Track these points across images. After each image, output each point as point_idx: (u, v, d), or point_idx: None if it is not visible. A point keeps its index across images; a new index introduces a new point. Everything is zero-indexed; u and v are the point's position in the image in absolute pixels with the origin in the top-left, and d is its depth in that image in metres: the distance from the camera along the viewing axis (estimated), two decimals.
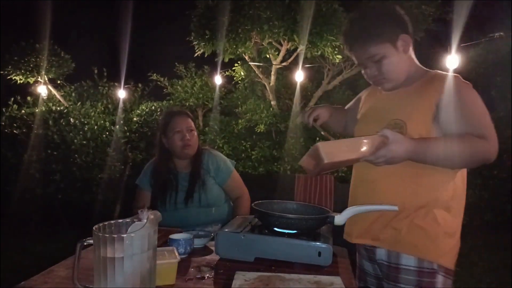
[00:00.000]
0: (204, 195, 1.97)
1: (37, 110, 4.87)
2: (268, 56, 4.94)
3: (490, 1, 6.28)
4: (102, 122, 5.06)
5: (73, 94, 5.90)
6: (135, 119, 5.44)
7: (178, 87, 5.86)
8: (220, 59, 4.80)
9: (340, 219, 1.23)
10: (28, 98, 5.11)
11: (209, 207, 1.98)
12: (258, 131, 5.05)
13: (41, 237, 4.21)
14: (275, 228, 1.28)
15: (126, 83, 5.94)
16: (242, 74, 5.75)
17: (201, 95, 5.74)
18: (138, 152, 5.02)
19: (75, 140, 4.55)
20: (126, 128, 5.27)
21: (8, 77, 5.27)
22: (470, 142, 1.11)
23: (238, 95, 5.84)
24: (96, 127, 4.86)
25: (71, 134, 4.59)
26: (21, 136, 4.64)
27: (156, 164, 2.06)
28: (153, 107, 5.50)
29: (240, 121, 5.28)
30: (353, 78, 5.08)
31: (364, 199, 1.29)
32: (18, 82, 5.38)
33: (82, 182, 4.55)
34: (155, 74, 5.95)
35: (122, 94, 5.83)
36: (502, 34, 4.61)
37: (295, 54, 4.83)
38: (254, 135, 5.18)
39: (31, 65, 5.22)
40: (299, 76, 4.94)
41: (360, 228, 1.31)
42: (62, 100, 5.69)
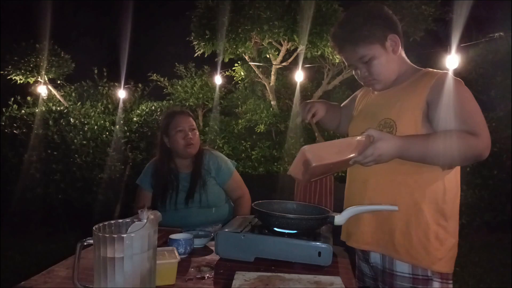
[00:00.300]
0: (205, 195, 1.97)
1: (37, 110, 4.88)
2: (268, 56, 4.94)
3: (490, 1, 6.29)
4: (102, 122, 5.07)
5: (73, 94, 5.91)
6: (135, 119, 5.44)
7: (178, 87, 5.85)
8: (220, 59, 4.79)
9: (340, 219, 1.23)
10: (28, 98, 5.12)
11: (209, 207, 1.98)
12: (258, 131, 5.04)
13: (41, 237, 4.21)
14: (275, 228, 1.28)
15: (126, 83, 5.94)
16: (242, 74, 5.74)
17: (201, 95, 5.73)
18: (138, 152, 5.02)
19: (75, 140, 4.56)
20: (126, 128, 5.27)
21: (8, 77, 5.27)
22: (460, 138, 1.09)
23: (238, 95, 5.84)
24: (96, 127, 4.86)
25: (71, 134, 4.59)
26: (21, 136, 4.64)
27: (157, 164, 2.06)
28: (153, 107, 5.50)
29: (240, 121, 5.28)
30: (352, 78, 5.03)
31: (357, 199, 1.29)
32: (18, 82, 5.38)
33: (82, 182, 4.55)
34: (155, 74, 5.95)
35: (122, 94, 5.83)
36: (502, 34, 4.61)
37: (295, 54, 4.83)
38: (254, 135, 5.17)
39: (31, 65, 5.22)
40: (299, 76, 4.94)
41: (355, 231, 1.31)
42: (62, 100, 5.70)
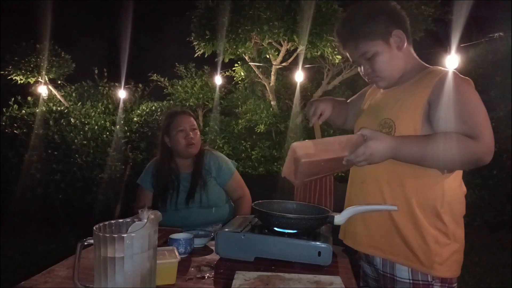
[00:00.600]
0: (205, 195, 1.97)
1: (37, 110, 4.88)
2: (268, 56, 4.93)
3: (490, 1, 6.28)
4: (103, 122, 5.07)
5: (73, 94, 5.92)
6: (135, 119, 5.44)
7: (178, 87, 5.85)
8: (220, 59, 4.79)
9: (340, 219, 1.23)
10: (29, 98, 5.12)
11: (209, 207, 1.98)
12: (258, 131, 5.04)
13: (41, 237, 4.21)
14: (275, 228, 1.28)
15: (126, 83, 5.94)
16: (242, 74, 5.74)
17: (201, 95, 5.73)
18: (138, 152, 5.02)
19: (76, 140, 4.56)
20: (126, 128, 5.28)
21: (9, 77, 5.27)
22: (457, 141, 1.03)
23: (238, 95, 5.84)
24: (96, 127, 4.87)
25: (71, 134, 4.60)
26: (21, 136, 4.64)
27: (158, 164, 2.06)
28: (153, 107, 5.50)
29: (240, 121, 5.28)
30: (352, 78, 5.07)
31: (356, 199, 1.28)
32: (19, 82, 5.38)
33: (83, 182, 4.56)
34: (155, 75, 5.95)
35: (122, 94, 5.84)
36: (501, 34, 4.60)
37: (295, 55, 4.83)
38: (254, 135, 5.17)
39: (32, 65, 5.23)
40: (299, 76, 4.94)
41: (350, 231, 1.30)
42: (62, 100, 5.70)
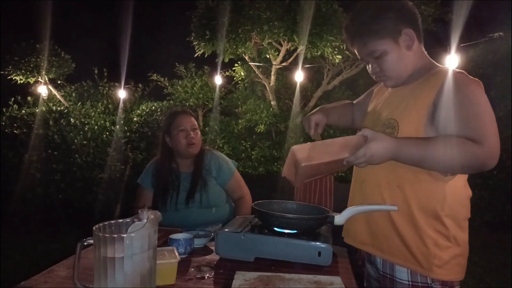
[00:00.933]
0: (205, 195, 1.97)
1: (37, 110, 4.88)
2: (268, 56, 4.94)
3: (490, 1, 6.28)
4: (103, 122, 5.07)
5: (73, 94, 5.92)
6: (135, 119, 5.44)
7: (178, 87, 5.86)
8: (220, 59, 4.80)
9: (340, 219, 1.23)
10: (29, 98, 5.13)
11: (210, 207, 1.98)
12: (258, 131, 5.05)
13: (41, 237, 4.21)
14: (275, 228, 1.28)
15: (126, 83, 5.94)
16: (242, 74, 5.75)
17: (201, 95, 5.73)
18: (138, 152, 5.03)
19: (76, 140, 4.56)
20: (126, 128, 5.28)
21: (9, 77, 5.28)
22: (459, 144, 1.01)
23: (238, 95, 5.84)
24: (96, 127, 4.87)
25: (71, 134, 4.60)
26: (21, 136, 4.64)
27: (158, 164, 2.06)
28: (153, 107, 5.51)
29: (240, 121, 5.28)
30: (352, 78, 5.07)
31: (356, 199, 1.28)
32: (19, 82, 5.39)
33: (83, 182, 4.56)
34: (155, 74, 5.95)
35: (122, 94, 5.84)
36: (501, 34, 4.60)
37: (295, 55, 4.83)
38: (254, 135, 5.18)
39: (32, 65, 5.23)
40: (299, 76, 4.94)
41: (351, 229, 1.30)
42: (62, 100, 5.70)
